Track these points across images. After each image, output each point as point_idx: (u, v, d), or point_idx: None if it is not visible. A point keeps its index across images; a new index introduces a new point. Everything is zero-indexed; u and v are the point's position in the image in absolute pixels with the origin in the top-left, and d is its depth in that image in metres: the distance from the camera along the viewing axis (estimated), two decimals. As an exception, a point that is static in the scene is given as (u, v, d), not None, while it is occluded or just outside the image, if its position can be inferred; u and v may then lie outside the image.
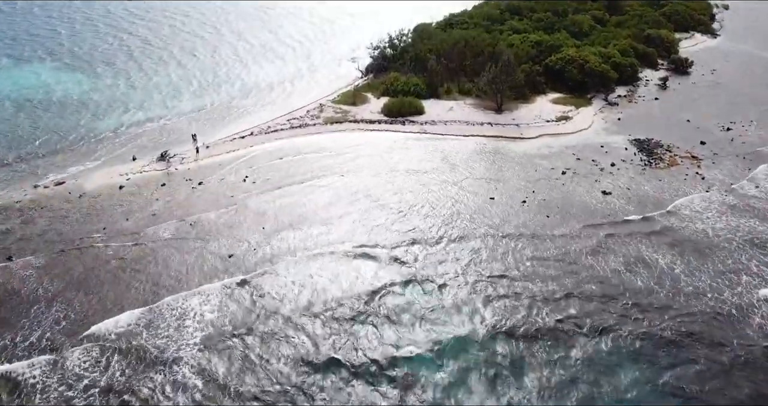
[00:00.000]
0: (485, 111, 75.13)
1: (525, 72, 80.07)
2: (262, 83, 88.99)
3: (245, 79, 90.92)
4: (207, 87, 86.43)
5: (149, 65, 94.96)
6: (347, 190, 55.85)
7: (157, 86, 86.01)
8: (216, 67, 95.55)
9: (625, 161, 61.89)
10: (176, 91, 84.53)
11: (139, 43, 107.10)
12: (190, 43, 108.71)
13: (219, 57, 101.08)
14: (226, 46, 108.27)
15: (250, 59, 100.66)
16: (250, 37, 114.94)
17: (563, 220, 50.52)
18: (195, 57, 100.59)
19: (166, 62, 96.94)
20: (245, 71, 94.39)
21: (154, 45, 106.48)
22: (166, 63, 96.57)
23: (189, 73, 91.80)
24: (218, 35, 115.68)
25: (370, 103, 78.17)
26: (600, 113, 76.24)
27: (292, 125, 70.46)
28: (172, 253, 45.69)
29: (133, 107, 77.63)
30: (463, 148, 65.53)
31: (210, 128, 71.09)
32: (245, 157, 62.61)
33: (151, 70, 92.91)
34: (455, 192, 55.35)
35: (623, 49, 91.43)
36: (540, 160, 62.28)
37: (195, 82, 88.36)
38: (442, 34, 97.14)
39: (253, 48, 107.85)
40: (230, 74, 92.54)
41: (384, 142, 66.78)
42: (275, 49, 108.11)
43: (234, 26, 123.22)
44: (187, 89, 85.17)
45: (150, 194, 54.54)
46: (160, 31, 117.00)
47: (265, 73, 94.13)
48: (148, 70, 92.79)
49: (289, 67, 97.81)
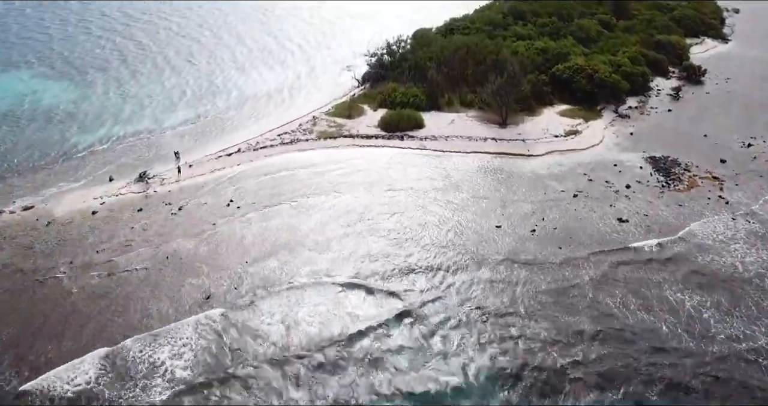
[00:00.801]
0: (489, 125, 70.59)
1: (531, 82, 75.52)
2: (257, 92, 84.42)
3: (241, 87, 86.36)
4: (201, 96, 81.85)
5: (142, 72, 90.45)
6: (339, 213, 51.50)
7: (149, 95, 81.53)
8: (211, 74, 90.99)
9: (641, 183, 57.33)
10: (168, 100, 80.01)
11: (133, 48, 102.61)
12: (186, 48, 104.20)
13: (215, 63, 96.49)
14: (224, 50, 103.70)
15: (247, 65, 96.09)
16: (248, 40, 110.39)
17: (576, 252, 45.96)
18: (190, 63, 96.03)
19: (160, 68, 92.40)
20: (242, 78, 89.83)
21: (148, 49, 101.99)
22: (160, 69, 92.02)
23: (183, 81, 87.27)
24: (215, 39, 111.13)
25: (367, 115, 73.64)
26: (611, 127, 71.68)
27: (282, 141, 65.92)
28: (144, 289, 41.21)
29: (122, 119, 73.11)
30: (465, 166, 61.00)
31: (197, 144, 66.60)
32: (231, 177, 58.12)
33: (144, 77, 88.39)
34: (457, 217, 50.83)
35: (633, 57, 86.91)
36: (549, 180, 57.74)
37: (188, 90, 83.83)
38: (443, 41, 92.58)
39: (251, 52, 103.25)
40: (226, 82, 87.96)
41: (380, 160, 62.27)
42: (273, 53, 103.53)
43: (232, 29, 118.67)
44: (179, 99, 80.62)
45: (125, 221, 50.02)
46: (156, 34, 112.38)
47: (262, 80, 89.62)
48: (141, 77, 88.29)
49: (287, 73, 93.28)
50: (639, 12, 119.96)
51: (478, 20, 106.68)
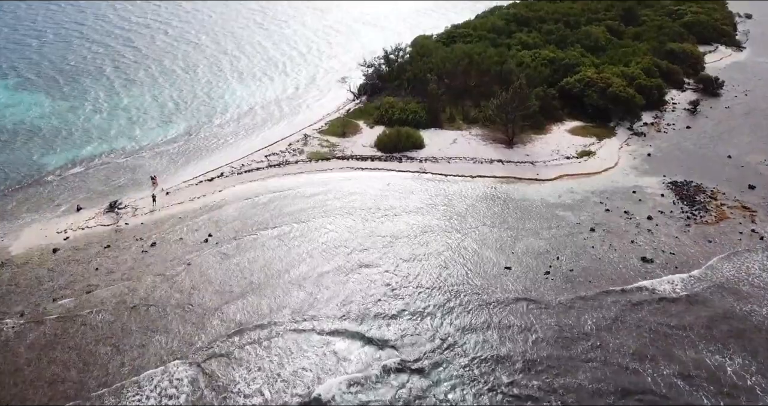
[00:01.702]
0: (494, 145, 65.17)
1: (539, 97, 70.08)
2: (250, 104, 79.11)
3: (234, 98, 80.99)
4: (184, 111, 76.35)
5: (122, 83, 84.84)
6: (328, 247, 46.44)
7: (136, 108, 76.15)
8: (204, 84, 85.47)
9: (663, 213, 51.95)
10: (148, 115, 74.54)
11: (116, 56, 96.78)
12: (182, 55, 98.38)
13: (202, 73, 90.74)
14: (212, 59, 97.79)
15: (236, 76, 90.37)
16: (238, 49, 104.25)
17: (598, 302, 40.56)
18: (175, 73, 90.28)
19: (143, 80, 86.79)
20: (236, 89, 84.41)
21: (131, 59, 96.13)
22: (143, 81, 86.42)
23: (166, 94, 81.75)
24: (213, 45, 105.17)
25: (362, 133, 68.21)
26: (626, 146, 66.28)
27: (270, 163, 60.48)
28: (103, 347, 35.79)
29: (101, 136, 67.71)
30: (470, 192, 55.63)
31: (178, 166, 61.18)
32: (211, 205, 52.72)
33: (125, 89, 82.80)
34: (461, 256, 45.46)
35: (647, 68, 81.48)
36: (562, 211, 52.34)
37: (171, 104, 78.31)
38: (444, 50, 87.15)
39: (240, 62, 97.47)
40: (212, 94, 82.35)
41: (376, 185, 56.89)
42: (272, 61, 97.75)
43: (231, 35, 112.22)
44: (161, 114, 75.16)
45: (89, 261, 44.57)
46: (142, 41, 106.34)
47: (257, 91, 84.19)
48: (121, 89, 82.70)
49: (284, 83, 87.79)
50: (648, 18, 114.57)
51: (480, 27, 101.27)
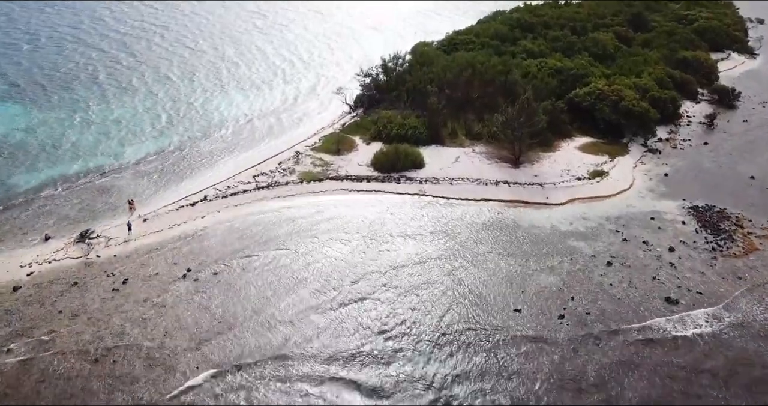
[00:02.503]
0: (500, 164, 60.75)
1: (547, 111, 65.64)
2: (242, 117, 74.64)
3: (224, 110, 76.47)
4: (176, 123, 71.93)
5: (114, 92, 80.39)
6: (317, 282, 42.54)
7: (118, 121, 71.63)
8: (191, 96, 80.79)
9: (686, 244, 47.51)
10: (138, 128, 70.26)
11: (109, 63, 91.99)
12: (167, 63, 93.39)
13: (197, 81, 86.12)
14: (209, 66, 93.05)
15: (233, 84, 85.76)
16: (237, 55, 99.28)
17: (619, 352, 36.18)
18: (170, 81, 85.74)
19: (135, 89, 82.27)
20: (224, 101, 79.74)
21: (125, 65, 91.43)
22: (135, 89, 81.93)
23: (159, 104, 77.34)
24: (201, 52, 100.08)
25: (358, 150, 63.80)
26: (641, 165, 61.87)
27: (258, 184, 56.06)
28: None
29: (77, 153, 63.30)
30: (473, 219, 51.23)
31: (159, 187, 56.81)
32: (192, 234, 48.32)
33: (116, 98, 78.44)
34: (464, 294, 41.11)
35: (660, 79, 77.11)
36: (575, 240, 47.91)
37: (164, 115, 73.87)
38: (445, 59, 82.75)
39: (238, 69, 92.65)
40: (206, 105, 77.83)
41: (372, 210, 52.53)
42: (269, 69, 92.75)
43: (220, 41, 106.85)
44: (151, 126, 70.78)
45: (53, 301, 40.13)
46: (137, 46, 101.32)
47: (247, 103, 79.55)
48: (112, 99, 78.33)
49: (273, 94, 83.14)
50: (658, 24, 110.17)
51: (483, 33, 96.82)
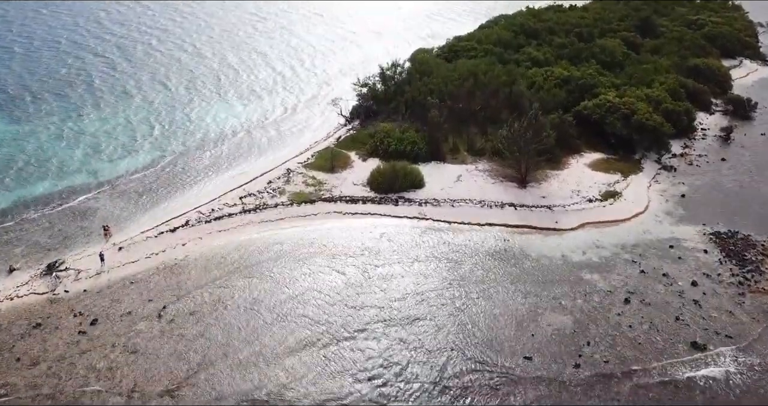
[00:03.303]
0: (505, 183, 56.73)
1: (554, 125, 61.59)
2: (234, 129, 70.56)
3: (217, 121, 72.36)
4: (168, 135, 68.05)
5: (107, 100, 76.55)
6: (303, 323, 38.27)
7: (109, 133, 67.73)
8: (187, 105, 76.69)
9: (709, 277, 43.51)
10: (130, 139, 66.58)
11: (103, 68, 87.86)
12: (164, 68, 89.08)
13: (194, 88, 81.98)
14: (206, 72, 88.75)
15: (230, 92, 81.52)
16: (235, 59, 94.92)
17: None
18: (165, 88, 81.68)
19: (130, 96, 78.35)
20: (220, 110, 75.59)
21: (120, 70, 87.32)
22: (129, 97, 78.03)
23: (153, 113, 73.49)
24: (200, 57, 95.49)
25: (353, 167, 59.82)
26: (656, 184, 57.86)
27: (244, 207, 52.05)
28: None
29: (58, 170, 59.40)
30: (477, 247, 47.20)
31: (137, 209, 52.88)
32: (171, 265, 44.35)
33: (110, 107, 74.65)
34: (468, 336, 37.13)
35: (673, 89, 73.08)
36: (589, 272, 43.88)
37: (157, 126, 69.93)
38: (446, 67, 78.80)
39: (237, 75, 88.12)
40: (201, 115, 73.77)
41: (367, 236, 48.57)
42: (259, 77, 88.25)
43: (216, 46, 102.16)
44: (141, 139, 66.92)
45: (11, 346, 36.17)
46: (132, 50, 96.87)
47: (239, 113, 75.27)
48: (106, 107, 74.54)
49: (267, 104, 78.94)
50: (666, 29, 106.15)
51: (485, 40, 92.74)
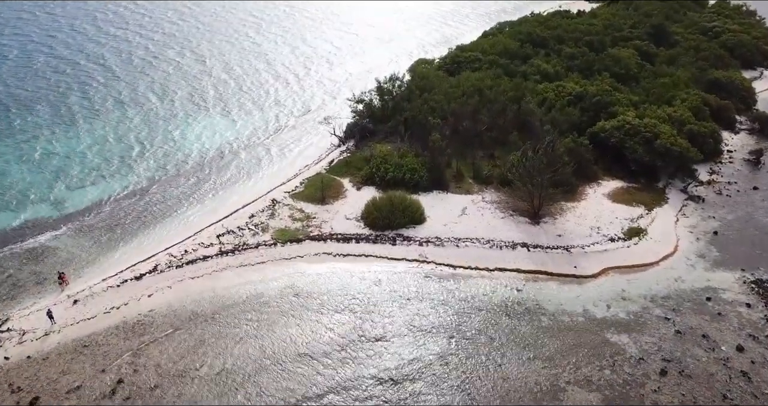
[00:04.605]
0: (515, 218, 50.65)
1: (569, 149, 55.56)
2: (220, 150, 64.36)
3: (206, 140, 66.27)
4: (147, 157, 62.16)
5: (85, 116, 70.57)
6: (280, 392, 32.11)
7: (84, 154, 61.99)
8: (171, 121, 70.45)
9: (757, 339, 37.46)
10: (106, 162, 60.82)
11: (84, 79, 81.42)
12: (149, 79, 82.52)
13: (180, 103, 75.63)
14: (194, 83, 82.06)
15: (219, 107, 74.97)
16: (226, 70, 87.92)
17: None
18: (149, 102, 75.43)
19: (109, 112, 72.20)
20: (207, 128, 69.35)
21: (101, 82, 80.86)
22: (109, 113, 71.90)
23: (132, 131, 67.49)
24: (187, 66, 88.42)
25: (346, 197, 53.78)
26: (683, 218, 51.78)
27: (222, 248, 45.98)
28: None
29: (28, 200, 53.60)
30: (486, 298, 41.17)
31: (100, 249, 46.99)
32: (133, 324, 38.41)
33: (86, 123, 68.71)
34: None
35: (695, 106, 66.99)
36: (615, 333, 37.86)
37: (137, 146, 64.01)
38: (448, 82, 72.79)
39: (227, 87, 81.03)
40: (186, 134, 67.57)
41: (361, 284, 42.61)
42: (253, 89, 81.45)
43: (209, 53, 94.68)
44: (120, 161, 61.10)
45: (-72, 436, 30.30)
46: (116, 59, 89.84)
47: (232, 130, 69.10)
48: (83, 124, 68.58)
49: (264, 117, 72.94)
50: (681, 37, 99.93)
51: (490, 50, 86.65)
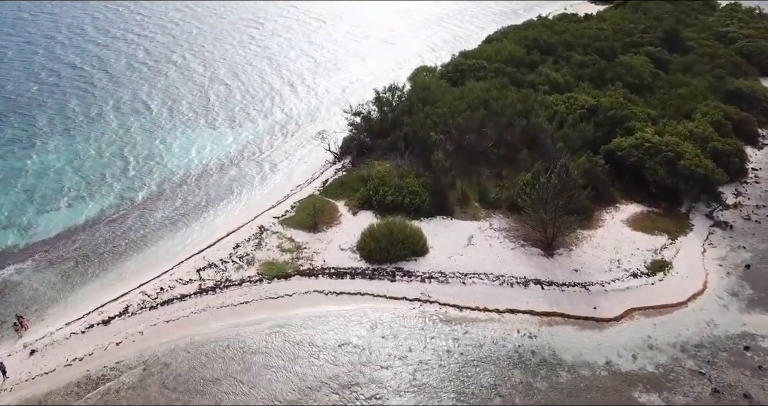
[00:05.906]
0: (527, 249, 45.99)
1: (584, 170, 50.98)
2: (210, 167, 59.60)
3: (194, 155, 61.65)
4: (136, 173, 57.83)
5: (79, 126, 66.43)
6: None
7: (61, 173, 57.41)
8: (167, 131, 66.00)
9: (806, 400, 33.06)
10: (84, 181, 56.29)
11: (81, 84, 77.13)
12: (148, 85, 77.81)
13: (178, 111, 71.12)
14: (194, 89, 77.44)
15: (219, 117, 70.20)
16: (227, 74, 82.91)
17: None
18: (147, 109, 71.06)
19: (104, 120, 67.99)
20: (203, 139, 64.83)
21: (98, 87, 76.52)
22: (104, 121, 67.73)
23: (127, 143, 63.17)
24: (187, 71, 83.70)
25: (341, 224, 49.21)
26: (711, 248, 47.12)
27: (202, 285, 41.44)
28: None
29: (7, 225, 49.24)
30: (495, 348, 36.57)
31: (67, 287, 42.45)
32: (96, 378, 33.99)
33: (79, 134, 64.58)
34: None
35: (717, 121, 62.36)
36: (644, 391, 33.30)
37: (119, 162, 59.59)
38: (451, 93, 68.16)
39: (228, 94, 76.38)
40: (179, 147, 63.07)
41: (355, 331, 38.08)
42: (258, 95, 76.61)
43: (209, 57, 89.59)
44: (100, 180, 56.60)
45: None
46: (115, 63, 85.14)
47: (228, 142, 64.58)
48: (75, 134, 64.52)
49: (265, 126, 68.57)
50: (695, 42, 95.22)
51: (495, 57, 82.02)
